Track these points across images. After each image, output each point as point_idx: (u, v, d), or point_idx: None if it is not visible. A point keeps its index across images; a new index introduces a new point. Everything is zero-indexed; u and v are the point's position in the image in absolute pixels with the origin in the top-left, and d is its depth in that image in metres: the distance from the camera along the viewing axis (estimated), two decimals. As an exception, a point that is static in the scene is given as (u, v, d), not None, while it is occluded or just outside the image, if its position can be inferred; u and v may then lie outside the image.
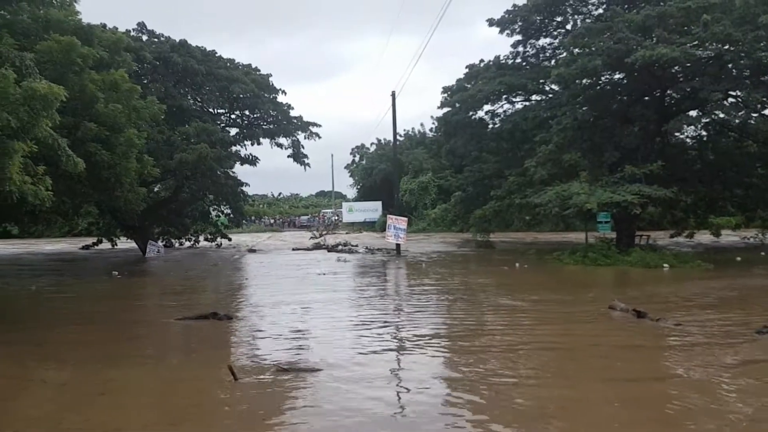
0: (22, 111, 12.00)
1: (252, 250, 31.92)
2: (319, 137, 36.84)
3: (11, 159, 11.71)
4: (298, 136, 36.39)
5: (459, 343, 8.81)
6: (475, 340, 8.86)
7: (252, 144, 35.50)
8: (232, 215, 35.98)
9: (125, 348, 9.34)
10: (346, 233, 48.98)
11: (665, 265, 19.63)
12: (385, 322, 10.76)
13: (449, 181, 47.55)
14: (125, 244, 32.09)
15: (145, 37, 32.46)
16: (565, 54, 26.00)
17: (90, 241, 34.07)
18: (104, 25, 25.84)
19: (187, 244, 34.86)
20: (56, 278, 19.75)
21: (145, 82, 28.91)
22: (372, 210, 57.90)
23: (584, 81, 24.04)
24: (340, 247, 31.26)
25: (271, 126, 36.09)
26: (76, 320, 12.06)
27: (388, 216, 29.56)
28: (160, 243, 30.56)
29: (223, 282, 19.55)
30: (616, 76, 24.90)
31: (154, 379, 7.45)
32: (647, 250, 22.34)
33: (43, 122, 12.79)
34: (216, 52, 34.45)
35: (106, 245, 32.69)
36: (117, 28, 27.19)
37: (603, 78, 24.71)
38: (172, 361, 8.30)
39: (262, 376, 7.12)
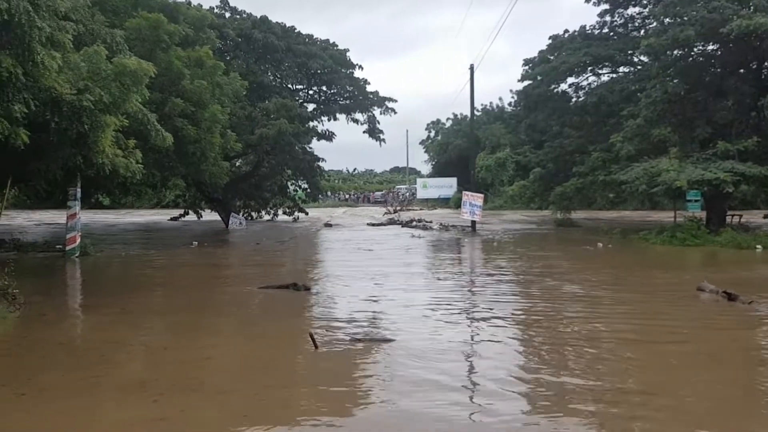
0: (114, 86, 12.57)
1: (328, 225, 32.42)
2: (395, 112, 36.80)
3: (104, 133, 12.33)
4: (373, 112, 36.50)
5: (538, 323, 8.54)
6: (553, 322, 8.56)
7: (329, 119, 35.94)
8: (309, 190, 36.65)
9: (210, 314, 9.71)
10: (420, 209, 48.91)
11: (758, 246, 18.39)
12: (458, 298, 10.64)
13: (528, 157, 46.35)
14: (210, 216, 33.36)
15: (227, 14, 33.24)
16: (655, 24, 24.69)
17: (177, 212, 35.67)
18: (189, 3, 26.63)
19: (267, 217, 35.82)
20: (144, 247, 20.81)
21: (228, 58, 29.67)
22: (447, 186, 57.50)
23: (675, 52, 22.72)
24: (414, 223, 31.22)
25: (348, 101, 36.31)
26: (162, 287, 12.69)
27: (464, 192, 29.18)
28: (241, 216, 31.56)
29: (301, 254, 19.98)
30: (710, 47, 23.35)
31: (238, 346, 7.66)
32: (739, 231, 20.99)
33: (134, 97, 13.38)
34: (295, 28, 34.87)
35: (192, 217, 34.10)
36: (201, 6, 27.96)
37: (696, 49, 23.20)
38: (256, 329, 8.53)
39: (337, 345, 7.22)
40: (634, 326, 8.41)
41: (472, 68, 29.26)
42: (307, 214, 36.78)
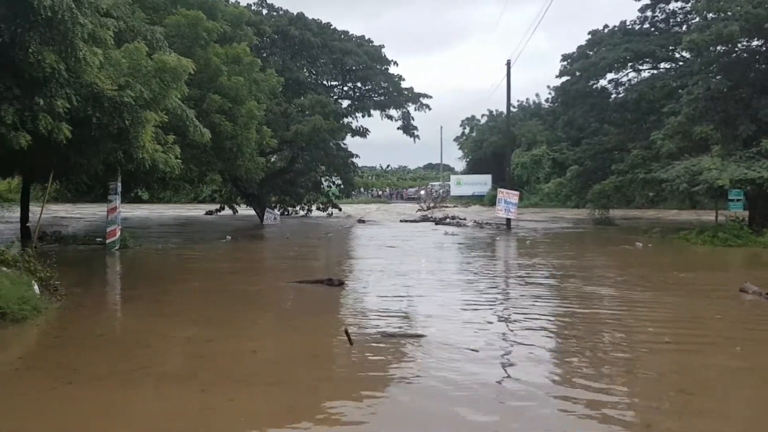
0: (154, 83, 12.76)
1: (361, 221, 32.48)
2: (429, 109, 36.56)
3: (144, 128, 12.53)
4: (408, 108, 36.32)
5: (572, 325, 8.36)
6: (588, 324, 8.36)
7: (363, 116, 35.90)
8: (342, 186, 36.75)
9: (247, 307, 9.86)
10: (454, 206, 48.61)
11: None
12: (491, 296, 10.52)
13: (565, 154, 45.65)
14: (245, 211, 33.77)
15: (264, 11, 33.52)
16: (698, 19, 24.03)
17: (213, 207, 36.20)
18: (227, 0, 26.86)
19: (301, 212, 36.08)
20: (181, 240, 21.18)
21: (264, 55, 29.92)
22: (481, 183, 57.01)
23: (719, 48, 22.04)
24: (447, 220, 31.04)
25: (382, 97, 36.24)
26: (198, 280, 12.86)
27: (499, 190, 28.90)
28: (276, 211, 31.86)
29: (334, 250, 20.06)
30: (755, 43, 22.61)
31: (279, 339, 7.75)
32: (785, 232, 20.32)
33: (173, 94, 13.57)
34: (331, 25, 34.96)
35: (228, 212, 34.57)
36: (239, 2, 28.24)
37: (740, 45, 22.49)
38: (293, 323, 8.60)
39: (369, 341, 7.24)
40: (673, 329, 8.17)
41: (508, 64, 28.93)
42: (340, 210, 36.88)
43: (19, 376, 6.01)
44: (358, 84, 36.85)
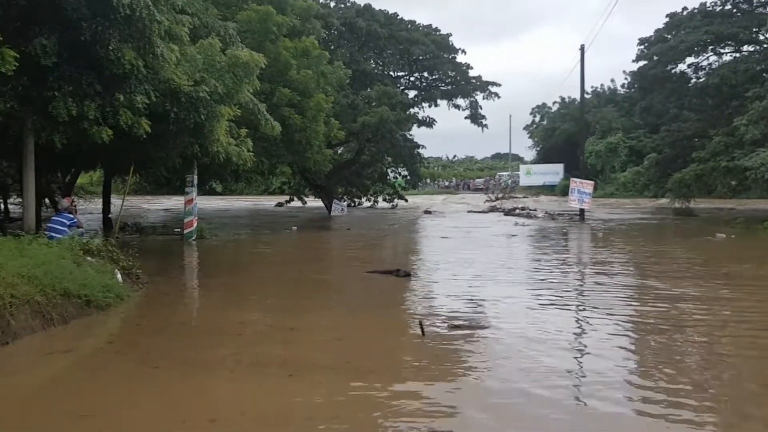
0: (227, 78, 13.05)
1: (428, 212, 32.32)
2: (498, 97, 35.96)
3: (218, 122, 12.86)
4: (476, 97, 35.84)
5: (649, 324, 7.87)
6: (665, 321, 7.87)
7: (429, 106, 35.71)
8: (408, 177, 36.68)
9: (322, 296, 10.07)
10: (523, 197, 47.63)
11: None
12: (562, 290, 10.16)
13: (642, 141, 43.81)
14: (313, 202, 34.29)
15: (332, 4, 33.76)
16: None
17: (283, 199, 36.97)
18: (296, -6, 27.15)
19: (367, 204, 36.30)
20: (253, 231, 21.72)
21: (332, 47, 30.15)
22: (552, 173, 55.47)
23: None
24: (517, 211, 30.41)
25: (449, 87, 35.89)
26: (271, 269, 13.15)
27: (572, 179, 28.02)
28: (344, 202, 32.17)
29: (401, 240, 20.03)
30: None
31: (358, 329, 7.76)
32: None
33: (245, 88, 13.85)
34: (398, 15, 34.86)
35: (297, 203, 35.22)
36: (307, -4, 28.43)
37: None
38: (368, 312, 8.67)
39: (440, 332, 7.18)
40: (757, 330, 7.61)
41: (582, 49, 27.90)
42: (406, 201, 36.85)
43: (107, 361, 6.26)
44: (425, 74, 36.64)
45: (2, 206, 23.05)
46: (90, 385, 5.49)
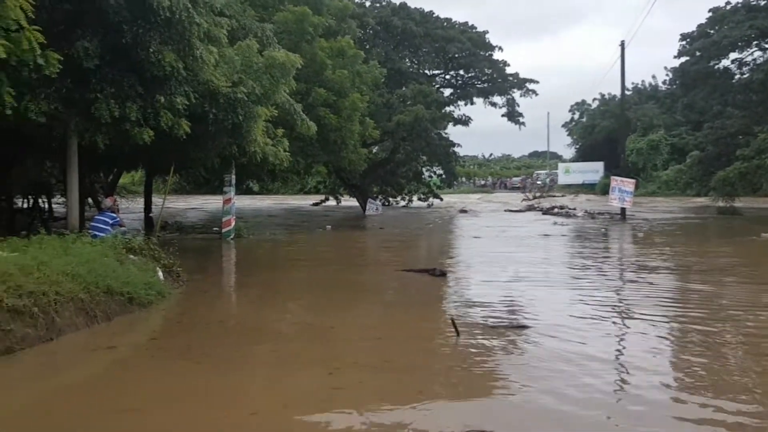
0: (265, 79, 13.20)
1: (463, 211, 32.09)
2: (536, 94, 35.54)
3: (256, 123, 13.01)
4: (513, 94, 35.47)
5: (692, 330, 7.55)
6: (708, 325, 7.58)
7: (465, 104, 35.50)
8: (443, 176, 36.47)
9: (359, 295, 10.14)
10: (562, 195, 46.88)
11: None
12: (601, 290, 9.94)
13: (685, 139, 42.67)
14: (348, 201, 34.41)
15: (368, 3, 33.81)
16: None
17: (319, 198, 37.19)
18: (331, -6, 27.28)
19: (402, 203, 36.24)
20: (289, 230, 21.93)
21: (367, 47, 30.21)
22: (592, 171, 54.39)
23: None
24: (555, 210, 29.93)
25: (486, 85, 35.61)
26: (307, 267, 13.23)
27: (612, 178, 27.44)
28: (378, 201, 32.20)
29: (436, 240, 19.95)
30: None
31: (395, 328, 7.76)
32: None
33: (282, 89, 14.00)
34: (433, 13, 34.73)
35: (332, 202, 35.39)
36: (343, -4, 28.55)
37: None
38: (404, 311, 8.65)
39: (475, 331, 7.12)
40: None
41: (622, 44, 27.31)
42: (441, 200, 36.64)
43: (149, 357, 6.40)
44: (461, 72, 36.43)
45: (46, 206, 23.78)
46: (133, 381, 5.60)
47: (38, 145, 14.35)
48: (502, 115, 36.10)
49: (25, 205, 22.71)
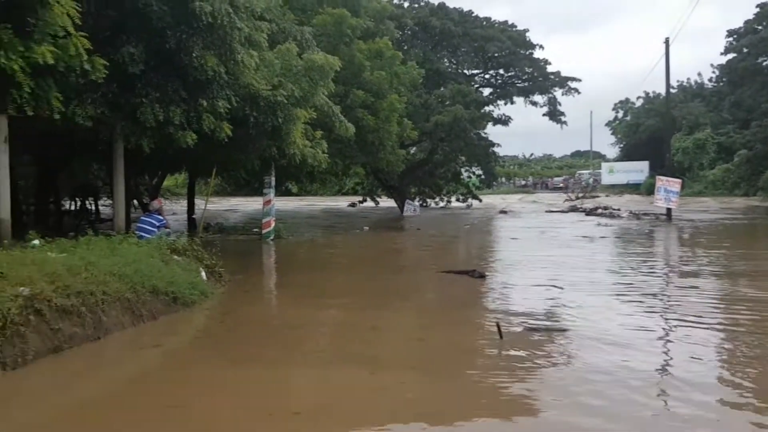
0: (304, 81, 13.33)
1: (503, 211, 31.75)
2: (578, 93, 34.94)
3: (295, 125, 13.16)
4: (554, 93, 34.93)
5: (741, 333, 7.26)
6: (762, 327, 7.29)
7: (505, 103, 35.13)
8: (483, 176, 36.16)
9: (398, 296, 10.09)
10: (606, 196, 45.93)
11: None
12: (645, 293, 9.62)
13: (732, 137, 41.26)
14: (386, 202, 34.44)
15: (406, 4, 33.79)
16: None
17: (356, 199, 37.36)
18: (369, -4, 27.36)
19: (440, 204, 36.08)
20: (327, 231, 22.09)
21: (405, 47, 30.19)
22: (636, 171, 53.09)
23: None
24: (599, 211, 29.32)
25: (526, 84, 35.16)
26: (346, 268, 13.36)
27: (657, 177, 26.74)
28: (416, 202, 32.12)
29: (476, 241, 19.77)
30: None
31: (438, 330, 7.70)
32: None
33: (320, 91, 14.11)
34: (472, 12, 34.47)
35: (370, 203, 35.49)
36: (381, -2, 28.63)
37: None
38: (445, 313, 8.60)
39: (517, 334, 7.02)
40: None
41: (667, 41, 26.64)
42: (480, 200, 36.34)
43: (194, 355, 6.53)
44: (501, 71, 36.05)
45: (93, 208, 24.48)
46: (178, 378, 5.71)
47: (85, 149, 14.82)
48: (544, 114, 35.64)
49: (73, 208, 23.46)
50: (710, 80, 51.12)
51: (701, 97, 52.13)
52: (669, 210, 24.76)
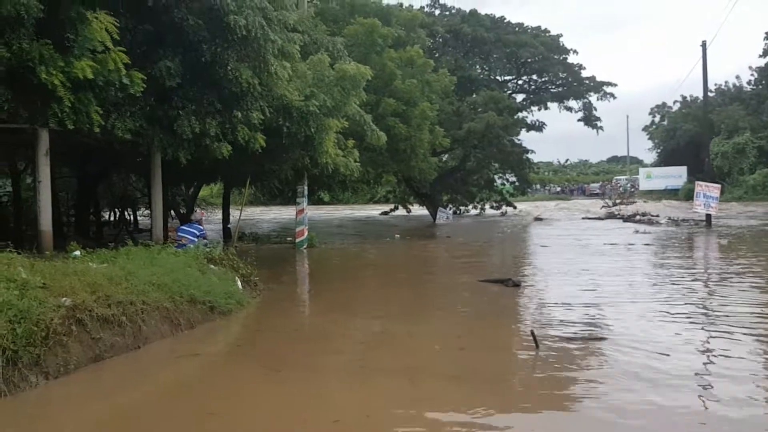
0: (336, 91, 13.43)
1: (538, 219, 31.37)
2: (614, 98, 34.41)
3: (327, 135, 13.27)
4: (589, 98, 34.47)
5: None
6: None
7: (539, 109, 34.83)
8: (517, 183, 35.82)
9: (434, 305, 10.15)
10: (644, 202, 44.96)
11: None
12: (684, 302, 9.37)
13: (774, 141, 40.05)
14: (418, 210, 34.36)
15: (437, 12, 33.83)
16: None
17: (388, 207, 37.37)
18: (401, 4, 27.53)
19: (474, 211, 35.83)
20: (359, 239, 22.13)
21: (437, 55, 30.19)
22: (675, 176, 51.88)
23: None
24: (637, 217, 28.72)
25: (560, 89, 34.79)
26: (379, 277, 13.35)
27: (696, 183, 26.08)
28: (449, 210, 31.96)
29: (510, 249, 19.55)
30: None
31: (476, 339, 7.68)
32: None
33: (352, 100, 14.20)
34: (504, 18, 34.32)
35: (402, 211, 35.46)
36: (412, 6, 28.77)
37: None
38: (481, 323, 8.56)
39: (553, 343, 6.92)
40: None
41: (704, 45, 26.04)
42: (515, 208, 35.96)
43: (232, 364, 6.59)
44: (534, 77, 35.78)
45: (132, 218, 25.03)
46: (216, 386, 5.77)
47: (124, 161, 15.16)
48: (579, 120, 35.16)
49: (112, 218, 24.04)
50: (749, 83, 49.75)
51: (740, 100, 50.70)
52: (708, 216, 24.13)
